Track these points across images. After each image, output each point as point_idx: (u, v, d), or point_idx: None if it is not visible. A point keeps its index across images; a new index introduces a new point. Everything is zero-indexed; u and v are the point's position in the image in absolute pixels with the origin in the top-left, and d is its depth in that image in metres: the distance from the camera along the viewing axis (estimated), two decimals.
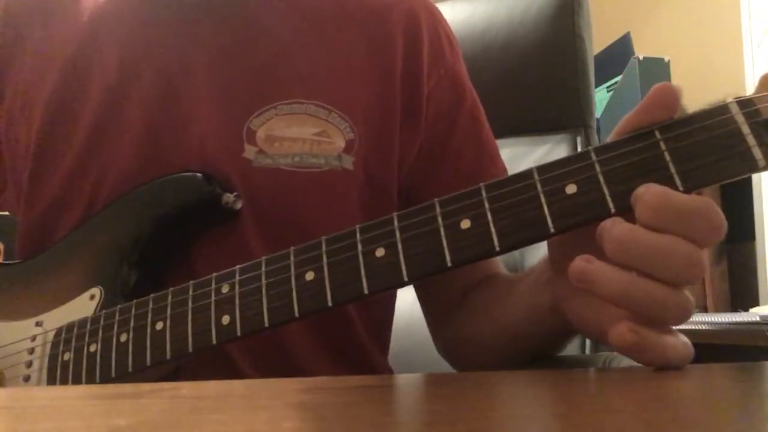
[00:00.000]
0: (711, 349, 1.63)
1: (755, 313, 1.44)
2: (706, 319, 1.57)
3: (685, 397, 0.32)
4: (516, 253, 0.94)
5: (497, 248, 0.40)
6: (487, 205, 0.41)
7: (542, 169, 0.40)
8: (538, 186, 0.40)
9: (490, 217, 0.40)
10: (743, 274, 2.08)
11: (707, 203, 0.37)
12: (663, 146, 0.38)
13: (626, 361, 0.63)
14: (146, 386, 0.37)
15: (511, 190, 0.41)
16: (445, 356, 0.67)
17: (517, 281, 0.57)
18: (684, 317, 0.37)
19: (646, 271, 0.37)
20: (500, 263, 0.68)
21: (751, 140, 0.36)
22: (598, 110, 2.32)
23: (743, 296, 2.05)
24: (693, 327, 1.59)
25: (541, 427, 0.26)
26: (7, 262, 0.64)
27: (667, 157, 0.38)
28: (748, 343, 1.45)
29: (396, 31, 0.66)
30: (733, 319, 1.50)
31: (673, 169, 0.38)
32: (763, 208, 2.04)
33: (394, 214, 0.43)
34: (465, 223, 0.41)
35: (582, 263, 0.38)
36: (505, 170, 0.68)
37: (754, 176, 2.22)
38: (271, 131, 0.60)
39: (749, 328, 1.45)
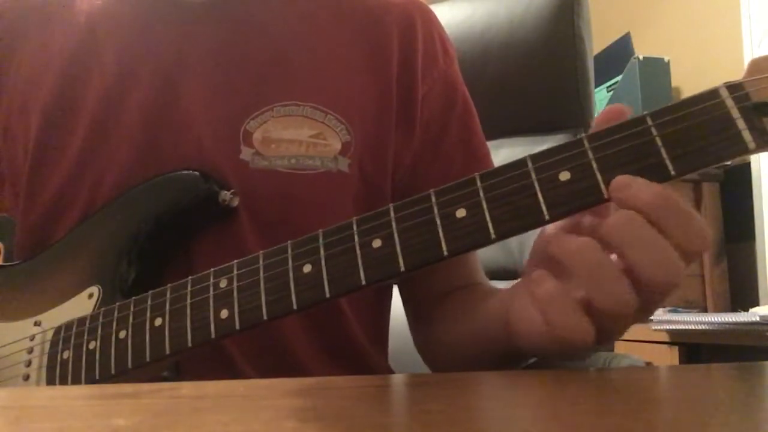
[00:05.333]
0: (711, 349, 1.64)
1: (755, 313, 1.44)
2: (706, 319, 1.57)
3: (685, 397, 0.32)
4: (515, 252, 0.94)
5: (493, 236, 0.40)
6: (482, 194, 0.41)
7: (536, 157, 0.41)
8: (533, 174, 0.40)
9: (485, 206, 0.41)
10: (743, 274, 2.08)
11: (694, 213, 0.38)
12: (654, 132, 0.38)
13: (626, 362, 0.63)
14: (146, 386, 0.37)
15: (505, 179, 0.41)
16: (421, 355, 0.68)
17: (496, 291, 0.57)
18: (620, 311, 0.38)
19: (628, 256, 0.37)
20: (483, 275, 0.68)
21: (741, 124, 0.37)
22: (598, 110, 2.32)
23: (743, 296, 2.05)
24: (693, 327, 1.59)
25: (541, 427, 0.26)
26: (7, 263, 0.64)
27: (659, 143, 0.38)
28: (748, 343, 1.45)
29: (392, 34, 0.66)
30: (733, 319, 1.50)
31: (664, 154, 0.38)
32: (763, 208, 2.04)
33: (390, 205, 0.43)
34: (460, 213, 0.41)
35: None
36: None
37: (754, 176, 2.21)
38: (268, 133, 0.60)
39: (749, 328, 1.45)
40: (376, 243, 0.43)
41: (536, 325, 0.41)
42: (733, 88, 0.38)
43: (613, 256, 0.38)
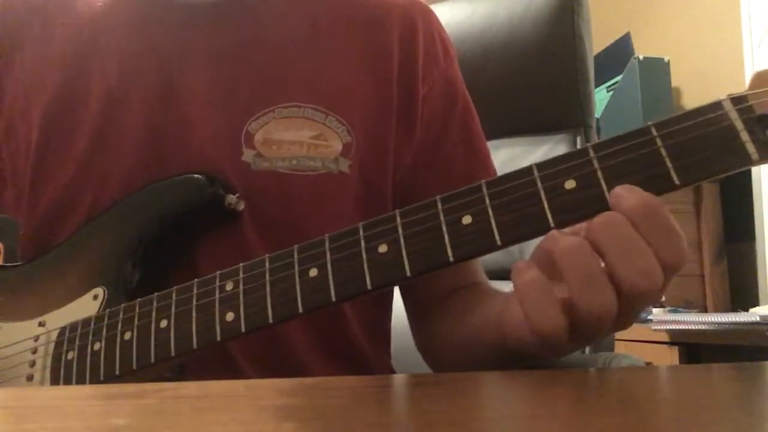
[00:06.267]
0: (711, 349, 1.64)
1: (755, 313, 1.44)
2: (706, 319, 1.57)
3: (685, 397, 0.32)
4: (516, 253, 0.94)
5: (498, 243, 0.41)
6: (487, 201, 0.41)
7: (542, 165, 0.41)
8: (538, 182, 0.41)
9: (491, 213, 0.41)
10: (743, 274, 2.08)
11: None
12: (659, 142, 0.39)
13: (626, 362, 0.63)
14: (147, 386, 0.37)
15: (511, 187, 0.41)
16: (422, 355, 0.68)
17: (495, 293, 0.58)
18: (602, 316, 0.38)
19: (608, 257, 0.38)
20: (483, 274, 0.69)
21: (745, 135, 0.37)
22: (598, 110, 2.33)
23: (743, 296, 2.05)
24: (693, 327, 1.59)
25: (541, 427, 0.26)
26: (11, 264, 0.64)
27: (663, 153, 0.39)
28: (748, 343, 1.45)
29: (392, 34, 0.66)
30: (733, 319, 1.50)
31: (669, 165, 0.38)
32: (763, 208, 2.04)
33: (397, 211, 0.44)
34: (466, 219, 0.41)
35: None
36: (496, 175, 0.68)
37: (754, 177, 2.22)
38: (269, 134, 0.60)
39: (749, 328, 1.45)
40: (382, 248, 0.43)
41: (519, 317, 0.41)
42: (736, 100, 0.38)
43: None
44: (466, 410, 0.29)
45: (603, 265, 0.38)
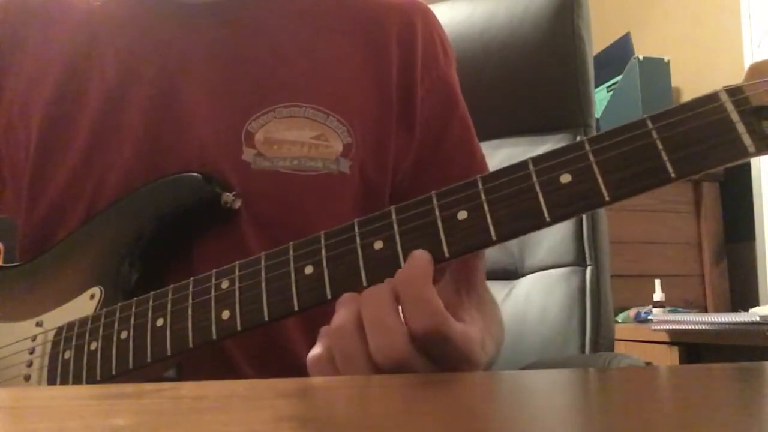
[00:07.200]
0: (711, 349, 1.63)
1: (755, 313, 1.44)
2: (706, 319, 1.57)
3: (685, 397, 0.32)
4: (516, 252, 0.94)
5: (494, 238, 0.41)
6: (483, 196, 0.41)
7: (537, 159, 0.41)
8: (534, 176, 0.40)
9: (486, 208, 0.41)
10: (743, 274, 2.08)
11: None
12: (655, 135, 0.39)
13: (626, 362, 0.63)
14: (147, 386, 0.37)
15: (507, 181, 0.41)
16: None
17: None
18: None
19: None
20: (483, 284, 0.69)
21: (741, 127, 0.37)
22: (598, 110, 2.32)
23: (743, 296, 2.05)
24: (693, 327, 1.59)
25: (540, 427, 0.26)
26: (9, 264, 0.64)
27: (659, 146, 0.39)
28: (748, 343, 1.45)
29: (391, 35, 0.66)
30: (733, 319, 1.50)
31: (665, 157, 0.38)
32: (763, 208, 2.04)
33: (392, 207, 0.44)
34: (462, 214, 0.41)
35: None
36: None
37: (754, 176, 2.21)
38: (270, 134, 0.60)
39: (749, 328, 1.44)
40: (378, 245, 0.43)
41: None
42: (732, 91, 0.38)
43: None
44: (465, 410, 0.29)
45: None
